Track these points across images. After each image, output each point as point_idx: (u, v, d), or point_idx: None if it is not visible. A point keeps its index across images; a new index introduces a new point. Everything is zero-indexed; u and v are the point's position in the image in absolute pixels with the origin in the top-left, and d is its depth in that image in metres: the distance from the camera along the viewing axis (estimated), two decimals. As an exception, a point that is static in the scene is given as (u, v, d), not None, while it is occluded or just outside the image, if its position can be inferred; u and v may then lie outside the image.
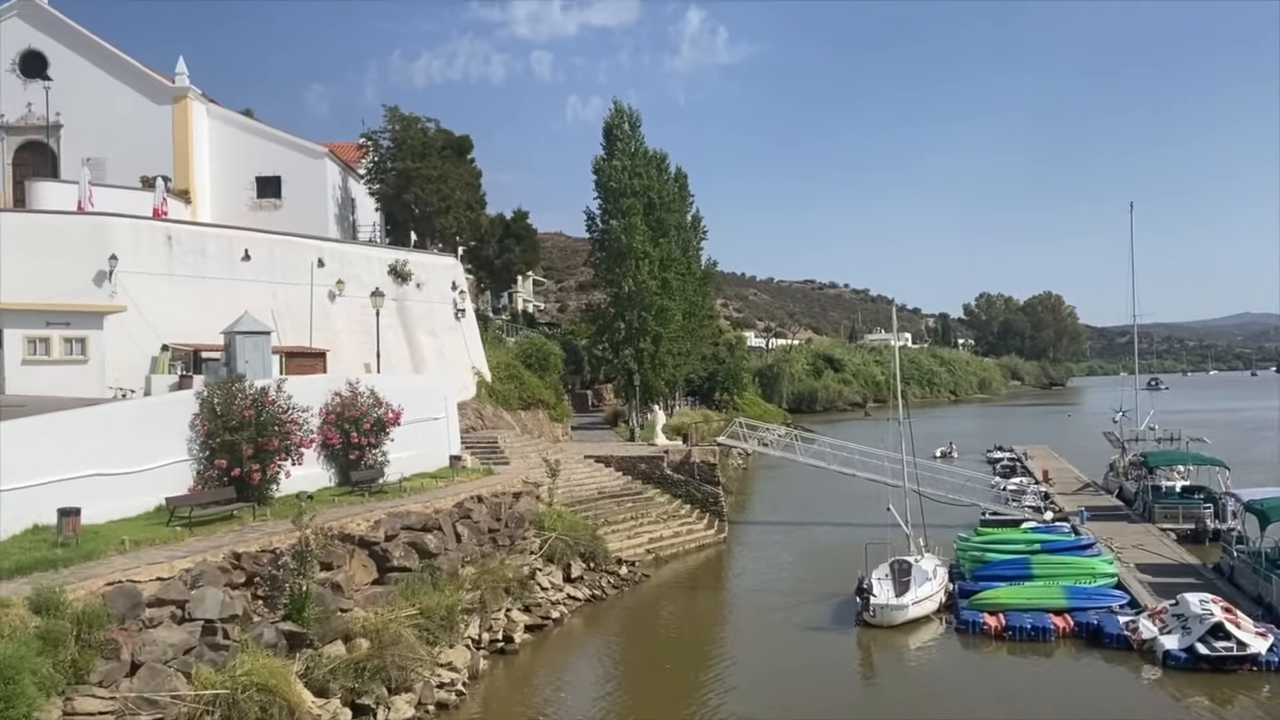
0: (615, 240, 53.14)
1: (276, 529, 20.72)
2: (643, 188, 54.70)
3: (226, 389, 23.79)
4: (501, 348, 55.93)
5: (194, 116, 49.86)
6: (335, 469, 27.73)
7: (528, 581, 27.04)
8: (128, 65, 49.12)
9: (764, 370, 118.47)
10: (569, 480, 37.18)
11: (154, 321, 33.55)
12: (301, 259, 40.62)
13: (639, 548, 34.92)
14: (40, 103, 47.22)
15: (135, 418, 22.77)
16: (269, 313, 34.68)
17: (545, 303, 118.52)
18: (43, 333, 29.65)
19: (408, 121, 55.32)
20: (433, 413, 32.09)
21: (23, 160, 48.01)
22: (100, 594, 15.73)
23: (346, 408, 27.74)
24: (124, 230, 35.43)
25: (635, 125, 55.98)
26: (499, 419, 46.26)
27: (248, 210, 50.08)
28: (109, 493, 20.42)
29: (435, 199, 53.89)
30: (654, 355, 53.99)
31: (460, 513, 26.63)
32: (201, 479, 22.93)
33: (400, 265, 45.18)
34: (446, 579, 23.57)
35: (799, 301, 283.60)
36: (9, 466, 18.46)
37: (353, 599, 20.88)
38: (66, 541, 17.81)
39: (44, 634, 14.40)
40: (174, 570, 17.32)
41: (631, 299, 52.97)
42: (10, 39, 48.22)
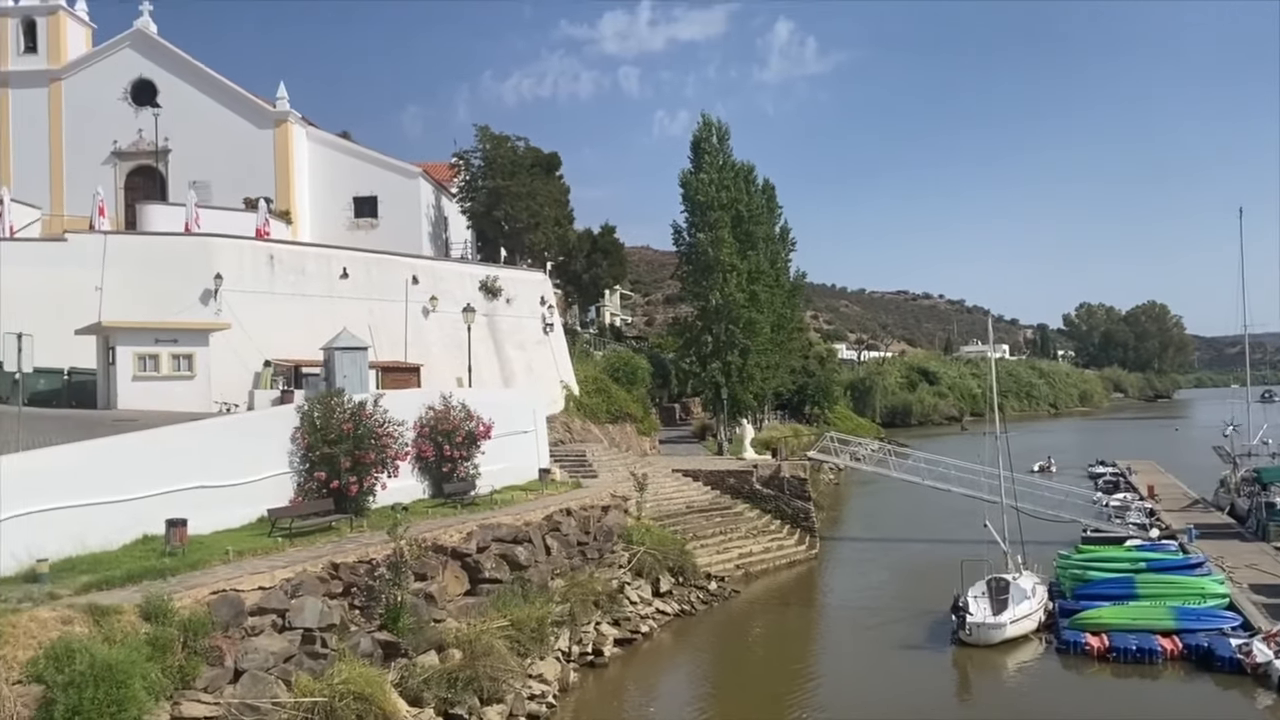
0: (702, 253, 53.14)
1: (373, 540, 21.16)
2: (730, 200, 54.60)
3: (326, 403, 24.42)
4: (589, 361, 56.33)
5: (294, 139, 51.55)
6: (428, 481, 28.21)
7: (617, 595, 27.08)
8: (232, 91, 51.09)
9: (856, 383, 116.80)
10: (657, 494, 37.16)
11: (257, 338, 34.69)
12: (396, 276, 41.58)
13: (728, 563, 34.69)
14: (150, 129, 49.37)
15: (239, 432, 23.54)
16: (366, 329, 35.55)
17: (632, 316, 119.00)
18: (152, 350, 30.78)
19: (498, 140, 56.32)
20: (522, 426, 32.44)
21: (134, 184, 50.28)
22: (205, 602, 16.27)
23: (439, 421, 28.23)
24: (228, 250, 36.80)
25: (723, 138, 55.96)
26: (587, 432, 46.55)
27: (345, 229, 51.54)
28: (214, 504, 21.11)
29: (525, 215, 54.70)
30: (742, 368, 53.74)
31: (550, 525, 26.85)
32: (301, 491, 23.55)
33: (491, 281, 45.91)
34: (537, 591, 23.76)
35: (892, 313, 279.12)
36: (122, 479, 19.23)
37: (446, 610, 21.20)
38: (174, 551, 18.45)
39: (153, 640, 14.95)
40: (275, 580, 17.82)
41: (719, 312, 52.86)
42: (122, 69, 50.61)
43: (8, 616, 14.15)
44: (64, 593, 15.64)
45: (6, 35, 50.62)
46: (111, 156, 50.09)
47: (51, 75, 50.43)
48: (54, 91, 50.44)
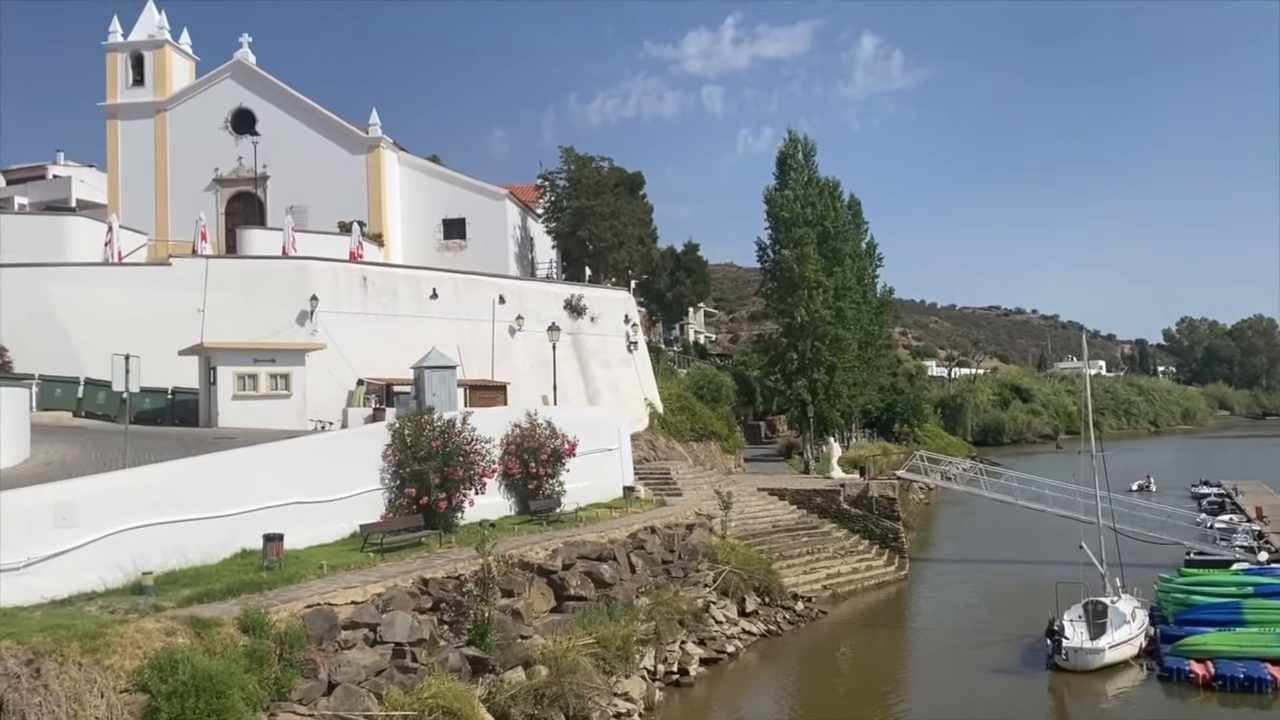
0: (787, 270, 52.81)
1: (461, 556, 21.48)
2: (816, 216, 54.19)
3: (416, 421, 24.92)
4: (673, 379, 56.37)
5: (386, 164, 52.92)
6: (515, 498, 28.53)
7: (702, 614, 26.98)
8: (327, 119, 52.70)
9: (946, 401, 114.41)
10: (742, 513, 36.95)
11: (350, 357, 35.60)
12: (484, 296, 42.30)
13: (815, 583, 34.28)
14: (249, 156, 51.24)
15: (333, 449, 24.16)
16: (454, 348, 36.18)
17: (716, 334, 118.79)
18: (251, 369, 31.82)
19: (582, 161, 56.98)
20: (607, 444, 32.60)
21: (234, 210, 52.16)
22: (301, 616, 16.71)
23: (525, 439, 28.54)
24: (323, 272, 37.90)
25: (809, 154, 55.62)
26: (671, 450, 46.55)
27: (435, 251, 52.66)
28: (309, 519, 21.68)
29: (609, 235, 55.18)
30: (828, 386, 53.15)
31: (634, 543, 26.90)
32: (392, 507, 24.05)
33: (575, 300, 46.36)
34: (622, 609, 23.81)
35: (983, 329, 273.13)
36: (222, 495, 19.89)
37: (532, 626, 21.38)
38: (271, 565, 19.00)
39: (251, 652, 15.41)
40: (367, 594, 18.21)
41: (804, 329, 52.42)
42: (223, 99, 52.64)
43: (115, 627, 14.74)
44: (167, 605, 16.22)
45: (116, 70, 53.07)
46: (213, 183, 52.04)
47: (157, 107, 52.68)
48: (159, 122, 52.68)
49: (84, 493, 17.63)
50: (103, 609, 15.86)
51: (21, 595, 15.85)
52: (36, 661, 13.42)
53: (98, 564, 17.06)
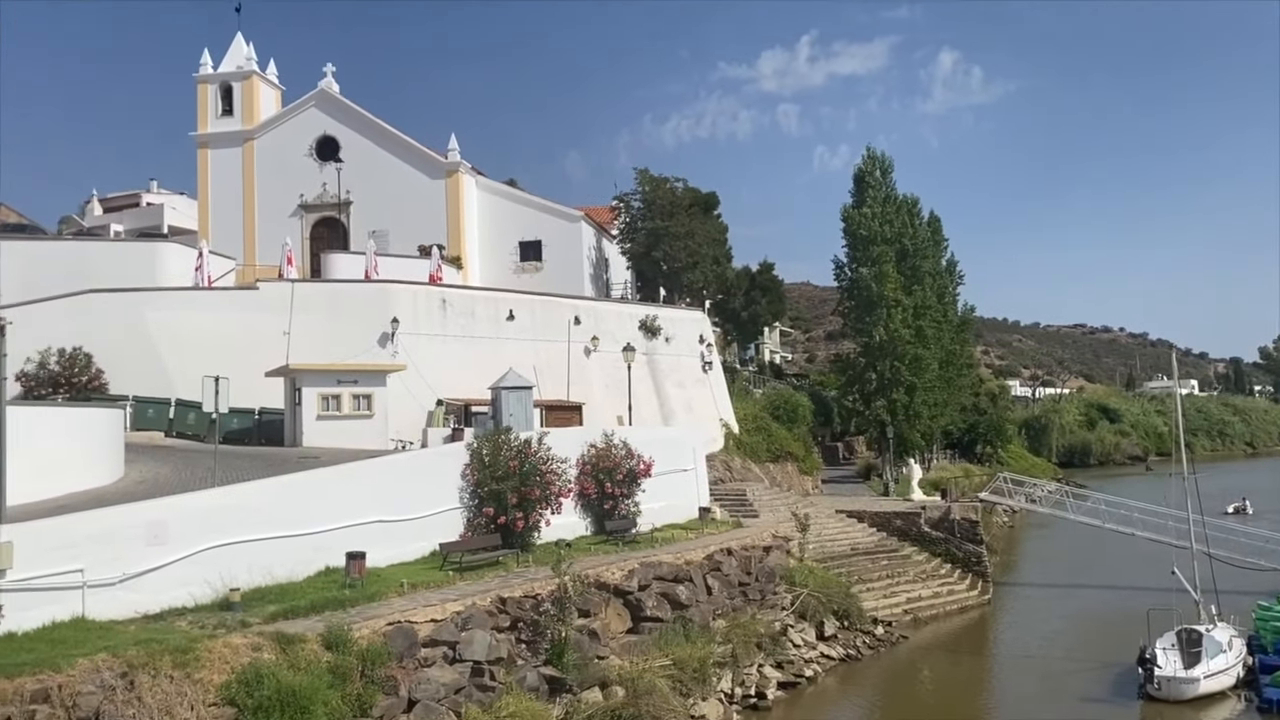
0: (865, 288, 52.25)
1: (538, 575, 21.59)
2: (894, 234, 53.57)
3: (493, 441, 25.20)
4: (749, 399, 56.06)
5: (464, 188, 53.86)
6: (590, 518, 28.61)
7: (779, 637, 26.68)
8: (407, 145, 53.87)
9: (1030, 421, 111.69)
10: (820, 535, 36.52)
11: (430, 378, 36.17)
12: (560, 317, 42.66)
13: (896, 607, 33.68)
14: (333, 183, 52.61)
15: (414, 469, 24.55)
16: (530, 368, 36.53)
17: (793, 353, 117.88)
18: (334, 390, 32.54)
19: (657, 182, 57.24)
20: (682, 464, 32.53)
21: (318, 234, 53.54)
22: (382, 633, 16.96)
23: (601, 459, 28.62)
24: (404, 295, 38.65)
25: (887, 171, 55.06)
26: (747, 471, 46.25)
27: (511, 273, 53.36)
28: (390, 538, 22.02)
29: (683, 255, 55.27)
30: (908, 406, 52.34)
31: (710, 565, 26.74)
32: (470, 526, 24.32)
33: (650, 320, 46.48)
34: (698, 631, 23.67)
35: (1068, 347, 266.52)
36: (307, 513, 20.33)
37: (609, 646, 21.38)
38: (353, 583, 19.33)
39: (334, 668, 15.68)
40: (446, 613, 18.41)
41: (883, 348, 51.75)
42: (308, 127, 54.18)
43: (204, 642, 15.14)
44: (254, 621, 16.61)
45: (207, 100, 55.01)
46: (298, 209, 53.53)
47: (245, 135, 54.43)
48: (247, 150, 54.40)
49: (176, 511, 18.19)
50: (192, 624, 16.32)
51: (117, 609, 16.38)
52: (131, 674, 13.84)
53: (188, 580, 17.55)
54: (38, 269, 38.59)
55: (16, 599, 15.08)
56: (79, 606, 15.93)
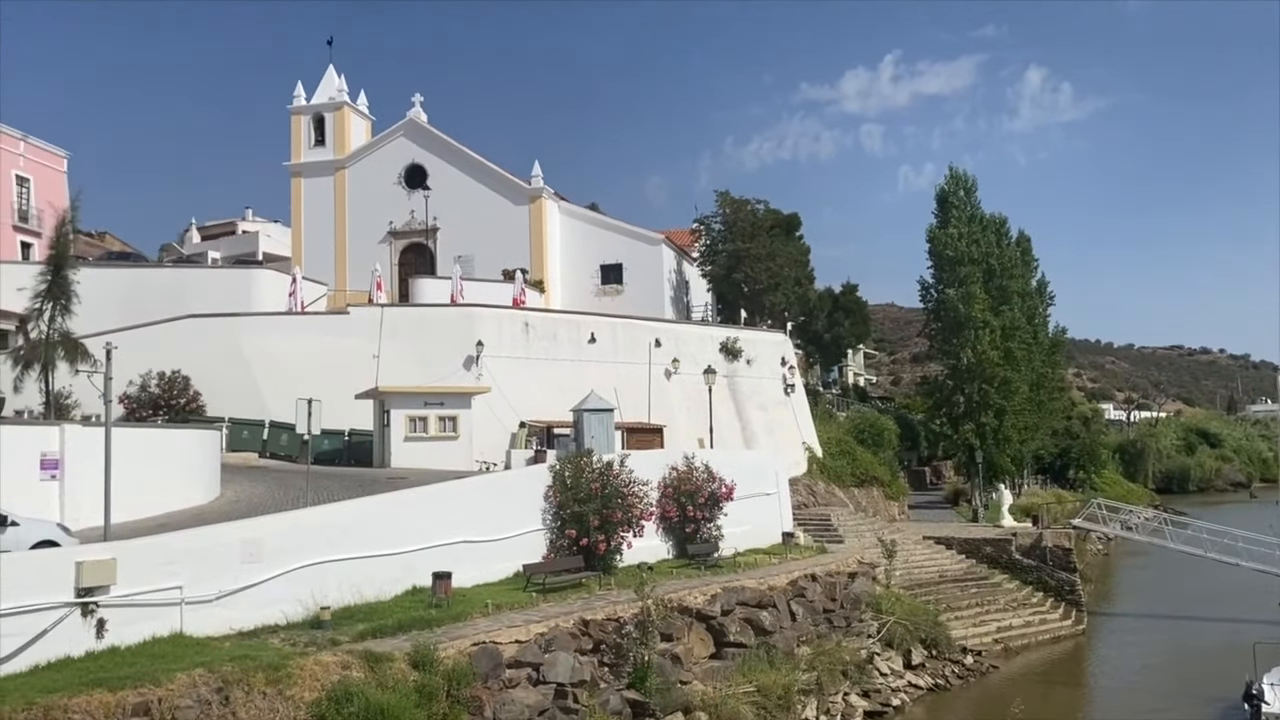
0: (952, 310, 51.38)
1: (620, 598, 21.55)
2: (981, 254, 52.63)
3: (575, 463, 25.32)
4: (832, 423, 55.42)
5: (547, 213, 54.58)
6: (672, 541, 28.49)
7: (866, 665, 26.20)
8: (492, 172, 54.85)
9: (1125, 446, 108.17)
10: (907, 561, 35.83)
11: (512, 400, 36.60)
12: (640, 340, 42.82)
13: (985, 636, 32.82)
14: (421, 209, 53.80)
15: (498, 490, 24.77)
16: (612, 391, 36.70)
17: (877, 376, 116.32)
18: (421, 412, 33.15)
19: (738, 205, 57.22)
20: (764, 488, 32.25)
21: (406, 260, 54.75)
22: (467, 653, 17.11)
23: (682, 482, 28.51)
24: (488, 319, 39.27)
25: (971, 190, 54.20)
26: (831, 496, 45.67)
27: (593, 296, 53.79)
28: (475, 558, 22.23)
29: (764, 277, 55.05)
30: (997, 430, 51.18)
31: (794, 591, 26.40)
32: (553, 548, 24.41)
33: (731, 343, 46.34)
34: (782, 658, 23.38)
35: (1165, 369, 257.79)
36: (395, 533, 20.66)
37: (691, 671, 21.23)
38: (439, 603, 19.54)
39: (420, 687, 15.86)
40: (530, 634, 18.49)
41: (971, 371, 50.75)
42: (397, 156, 55.54)
43: (296, 659, 15.44)
44: (343, 639, 16.89)
45: (300, 131, 56.79)
46: (387, 235, 54.81)
47: (337, 165, 56.04)
48: (339, 179, 55.97)
49: (269, 530, 18.64)
50: (284, 641, 16.66)
51: (213, 626, 16.82)
52: (226, 690, 14.19)
53: (281, 598, 17.94)
54: (140, 295, 40.25)
55: (119, 614, 15.58)
56: (177, 622, 16.38)
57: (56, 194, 49.41)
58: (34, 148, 51.16)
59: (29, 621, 14.47)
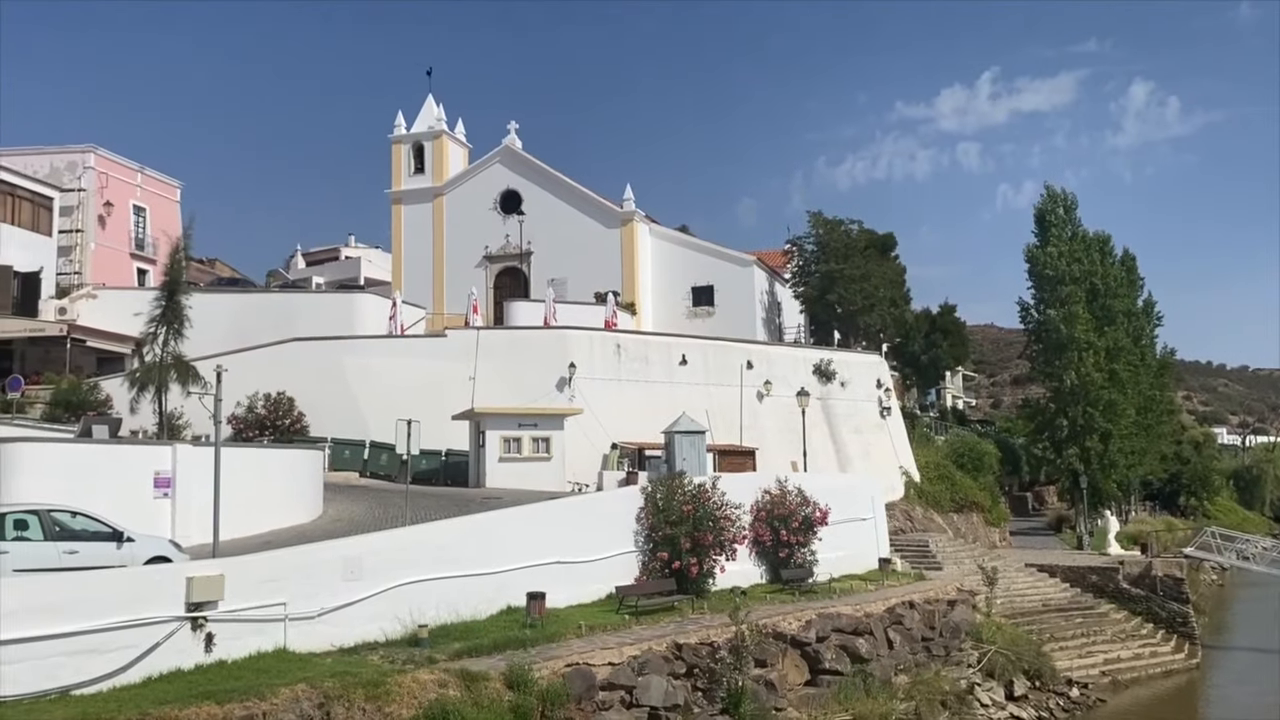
0: (1054, 330, 50.05)
1: (713, 622, 21.38)
2: (1083, 273, 51.22)
3: (668, 485, 25.28)
4: (930, 447, 54.28)
5: (638, 236, 54.93)
6: (765, 566, 28.17)
7: (966, 696, 25.48)
8: (585, 196, 55.49)
9: (1240, 472, 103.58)
10: (1009, 590, 34.84)
11: (604, 421, 36.76)
12: (731, 362, 42.66)
13: (1092, 668, 31.68)
14: (515, 234, 54.68)
15: (591, 511, 24.89)
16: (703, 413, 36.62)
17: (976, 398, 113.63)
18: (515, 433, 33.53)
19: (831, 225, 56.72)
20: (860, 513, 31.72)
21: (501, 283, 55.68)
22: (561, 674, 17.16)
23: (776, 505, 28.19)
24: (581, 341, 39.61)
25: (1070, 208, 52.91)
26: (929, 521, 44.70)
27: (684, 318, 53.84)
28: (568, 579, 22.34)
29: (859, 298, 54.38)
30: (1103, 454, 49.54)
31: (892, 618, 25.85)
32: (645, 570, 24.37)
33: (824, 365, 45.82)
34: (879, 686, 22.89)
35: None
36: (490, 553, 20.90)
37: (786, 698, 20.94)
38: (533, 623, 19.66)
39: (515, 708, 15.95)
40: (623, 656, 18.46)
41: (1074, 393, 49.29)
42: (492, 182, 56.64)
43: (394, 676, 15.69)
44: (440, 657, 17.10)
45: (400, 159, 58.36)
46: (483, 260, 55.83)
47: (435, 191, 57.39)
48: (437, 206, 57.28)
49: (370, 548, 19.03)
50: (383, 658, 16.95)
51: (315, 642, 17.21)
52: (327, 705, 14.49)
53: (380, 615, 18.28)
54: (248, 319, 41.73)
55: (226, 629, 16.05)
56: (281, 638, 16.80)
57: (170, 223, 51.64)
58: (150, 179, 53.49)
59: (143, 634, 14.99)
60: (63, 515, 17.54)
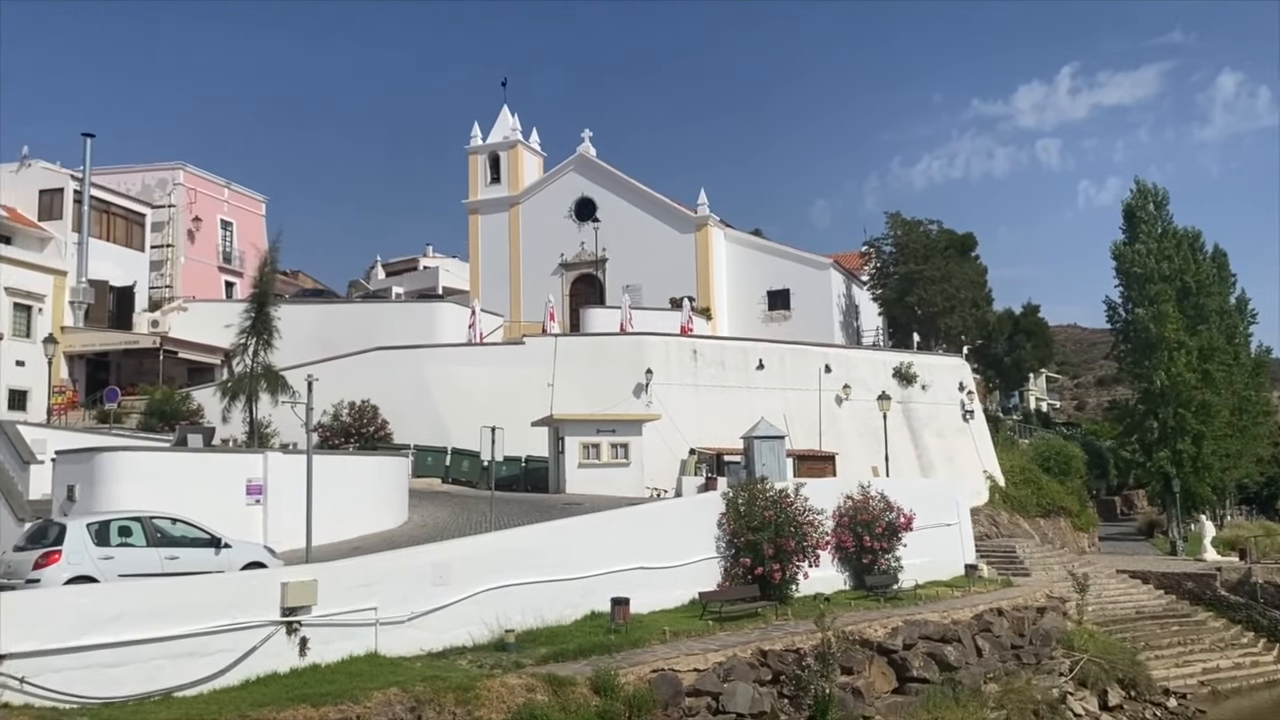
0: (1142, 330, 48.68)
1: (798, 629, 21.19)
2: (1173, 271, 49.73)
3: (749, 490, 25.14)
4: (1014, 450, 53.11)
5: (713, 241, 54.83)
6: (849, 572, 27.85)
7: (1058, 705, 24.80)
8: (659, 202, 55.56)
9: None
10: (1099, 596, 33.93)
11: (681, 427, 36.73)
12: (809, 366, 42.29)
13: (1190, 678, 30.63)
14: (590, 241, 54.96)
15: (673, 517, 24.87)
16: (781, 417, 36.36)
17: (1060, 400, 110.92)
18: (594, 439, 33.69)
19: (909, 226, 55.94)
20: (944, 518, 31.17)
21: (577, 290, 55.99)
22: (647, 680, 17.15)
23: (858, 511, 27.88)
24: (657, 347, 39.66)
25: (1161, 204, 51.38)
26: (1015, 526, 43.73)
27: (760, 322, 53.55)
28: (650, 585, 22.31)
29: (939, 299, 53.52)
30: (1195, 457, 47.98)
31: (980, 625, 25.33)
32: (727, 576, 24.26)
33: (904, 368, 45.17)
34: (969, 695, 22.40)
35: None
36: (574, 559, 21.00)
37: (874, 706, 20.63)
38: (618, 628, 19.71)
39: (602, 713, 16.00)
40: (708, 662, 18.38)
41: (1165, 394, 47.84)
42: (567, 190, 57.01)
43: (484, 681, 15.85)
44: (527, 662, 17.23)
45: (477, 170, 59.12)
46: (559, 267, 56.21)
47: (511, 200, 57.98)
48: (513, 214, 57.87)
49: (457, 554, 19.27)
50: (472, 663, 17.14)
51: (405, 646, 17.47)
52: (419, 709, 14.69)
53: (467, 620, 18.48)
54: (331, 329, 42.66)
55: (320, 633, 16.38)
56: (372, 642, 17.09)
57: (256, 236, 53.10)
58: (236, 194, 55.08)
59: (241, 638, 15.39)
60: (164, 522, 18.11)
